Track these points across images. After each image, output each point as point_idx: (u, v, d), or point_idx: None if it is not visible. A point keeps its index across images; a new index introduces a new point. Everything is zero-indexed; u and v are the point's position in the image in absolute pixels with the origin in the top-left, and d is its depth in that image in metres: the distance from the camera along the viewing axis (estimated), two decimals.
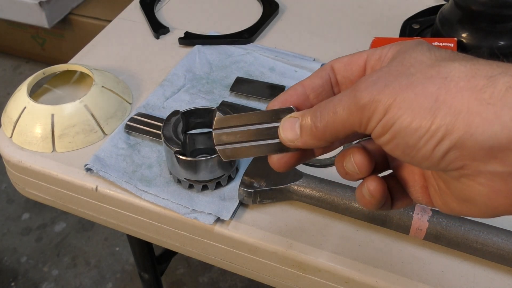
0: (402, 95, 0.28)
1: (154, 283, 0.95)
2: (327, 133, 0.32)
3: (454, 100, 0.26)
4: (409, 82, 0.28)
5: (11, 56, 2.13)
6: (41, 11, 1.70)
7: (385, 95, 0.28)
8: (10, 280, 1.40)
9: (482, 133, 0.26)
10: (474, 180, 0.27)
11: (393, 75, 0.29)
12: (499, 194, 0.27)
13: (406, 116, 0.27)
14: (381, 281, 0.46)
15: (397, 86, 0.28)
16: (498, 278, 0.46)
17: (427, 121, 0.27)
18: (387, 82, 0.28)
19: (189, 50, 0.72)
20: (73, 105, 0.59)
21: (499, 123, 0.25)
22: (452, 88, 0.27)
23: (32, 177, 0.59)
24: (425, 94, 0.27)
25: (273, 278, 0.52)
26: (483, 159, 0.26)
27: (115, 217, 0.57)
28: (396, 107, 0.28)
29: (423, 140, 0.27)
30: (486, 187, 0.27)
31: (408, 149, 0.28)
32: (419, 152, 0.28)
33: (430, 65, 0.28)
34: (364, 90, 0.29)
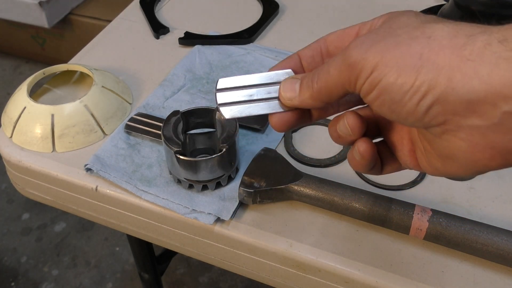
0: (388, 53, 0.29)
1: (154, 283, 0.95)
2: (322, 92, 0.34)
3: (436, 57, 0.28)
4: (395, 41, 0.30)
5: (11, 56, 2.13)
6: (41, 11, 1.70)
7: (372, 53, 0.30)
8: (10, 280, 1.40)
9: (462, 87, 0.27)
10: (455, 135, 0.29)
11: (380, 35, 0.31)
12: (477, 148, 0.29)
13: (392, 73, 0.29)
14: (381, 281, 0.46)
15: (384, 46, 0.30)
16: (498, 278, 0.46)
17: (411, 77, 0.28)
18: (374, 42, 0.30)
19: (189, 50, 0.72)
20: (73, 105, 0.59)
21: (477, 78, 0.27)
22: (435, 47, 0.28)
23: (32, 177, 0.59)
24: (410, 52, 0.29)
25: (273, 278, 0.52)
26: (463, 113, 0.28)
27: (115, 217, 0.57)
28: (382, 65, 0.29)
29: (408, 96, 0.29)
30: (466, 141, 0.29)
31: (393, 105, 0.30)
32: (404, 107, 0.29)
33: (415, 27, 0.30)
34: (352, 49, 0.31)
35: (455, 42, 0.28)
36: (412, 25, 0.30)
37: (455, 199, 0.53)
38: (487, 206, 0.52)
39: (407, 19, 0.31)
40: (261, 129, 0.60)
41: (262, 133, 0.60)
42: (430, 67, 0.28)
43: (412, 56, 0.29)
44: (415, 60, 0.28)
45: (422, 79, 0.28)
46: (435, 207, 0.49)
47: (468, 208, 0.52)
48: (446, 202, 0.53)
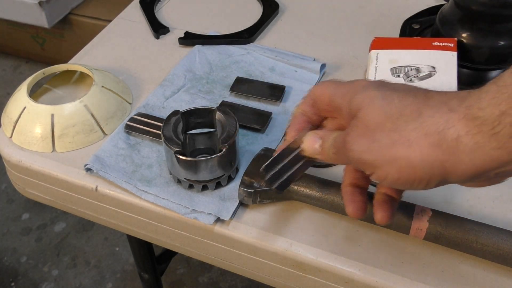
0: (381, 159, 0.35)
1: (154, 283, 0.95)
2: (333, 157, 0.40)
3: (424, 157, 0.34)
4: (380, 147, 0.35)
5: (11, 56, 2.13)
6: (41, 11, 1.70)
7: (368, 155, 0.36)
8: (10, 280, 1.40)
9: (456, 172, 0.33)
10: None
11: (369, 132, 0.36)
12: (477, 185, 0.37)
13: (394, 172, 0.35)
14: (381, 281, 0.46)
15: (377, 147, 0.35)
16: (498, 278, 0.46)
17: (410, 174, 0.34)
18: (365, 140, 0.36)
19: (189, 50, 0.72)
20: (73, 105, 0.59)
21: (463, 163, 0.33)
22: (417, 149, 0.34)
23: (32, 177, 0.59)
24: (400, 157, 0.34)
25: (273, 278, 0.52)
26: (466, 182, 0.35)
27: (115, 217, 0.57)
28: (381, 166, 0.35)
29: (415, 184, 0.35)
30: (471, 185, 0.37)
31: (405, 187, 0.36)
32: (413, 187, 0.36)
33: (392, 130, 0.35)
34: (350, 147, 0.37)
35: (431, 142, 0.33)
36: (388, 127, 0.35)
37: (455, 199, 0.53)
38: (487, 206, 0.52)
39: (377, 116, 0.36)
40: (261, 129, 0.60)
41: (262, 133, 0.60)
42: (424, 166, 0.34)
43: (403, 160, 0.34)
44: (408, 163, 0.34)
45: (421, 176, 0.34)
46: (435, 207, 0.49)
47: (468, 208, 0.52)
48: (446, 202, 0.53)
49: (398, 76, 0.60)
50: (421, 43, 0.63)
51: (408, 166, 0.34)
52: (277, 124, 0.61)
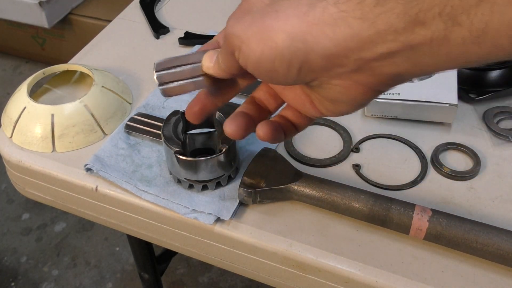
0: (248, 30, 0.34)
1: (154, 283, 0.95)
2: (222, 63, 0.38)
3: (287, 25, 0.33)
4: (252, 18, 0.34)
5: (11, 56, 2.13)
6: (41, 11, 1.70)
7: (237, 28, 0.35)
8: (10, 280, 1.40)
9: (317, 47, 0.32)
10: (330, 83, 0.35)
11: (241, 13, 0.37)
12: (351, 88, 0.34)
13: (256, 47, 0.34)
14: (381, 281, 0.46)
15: (244, 23, 0.35)
16: (498, 278, 0.46)
17: (272, 48, 0.33)
18: (238, 19, 0.35)
19: (189, 50, 0.72)
20: (73, 105, 0.59)
21: (325, 37, 0.32)
22: (283, 17, 0.33)
23: (32, 177, 0.59)
24: (264, 26, 0.33)
25: (273, 278, 0.52)
26: (327, 67, 0.33)
27: (115, 217, 0.57)
28: (247, 41, 0.34)
29: (277, 64, 0.33)
30: (340, 86, 0.35)
31: (269, 73, 0.35)
32: (279, 74, 0.34)
33: (267, 4, 0.35)
34: (227, 23, 0.37)
35: (299, 11, 0.32)
36: (265, 2, 0.36)
37: (455, 199, 0.53)
38: (487, 206, 0.52)
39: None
40: None
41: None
42: (284, 35, 0.32)
43: (266, 29, 0.33)
44: (270, 32, 0.33)
45: (282, 47, 0.33)
46: (435, 207, 0.49)
47: (468, 208, 0.52)
48: (446, 202, 0.53)
49: None
50: None
51: (271, 37, 0.33)
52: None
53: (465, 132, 0.60)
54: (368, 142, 0.59)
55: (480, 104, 0.63)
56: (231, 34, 0.35)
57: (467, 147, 0.57)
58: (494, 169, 0.56)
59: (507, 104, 0.63)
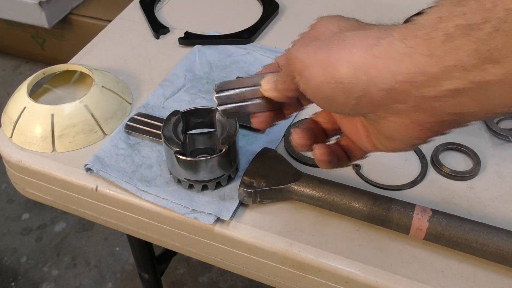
0: (313, 55, 0.35)
1: (154, 283, 0.95)
2: (280, 86, 0.40)
3: (352, 57, 0.33)
4: (318, 46, 0.35)
5: (11, 56, 2.13)
6: (41, 11, 1.70)
7: (301, 53, 0.35)
8: (10, 280, 1.40)
9: (379, 81, 0.32)
10: (387, 119, 0.34)
11: (308, 39, 0.37)
12: (408, 127, 0.34)
13: (318, 73, 0.34)
14: (381, 281, 0.46)
15: (310, 48, 0.35)
16: (498, 278, 0.46)
17: (335, 75, 0.33)
18: (303, 44, 0.36)
19: (189, 50, 0.72)
20: (73, 105, 0.59)
21: (389, 72, 0.31)
22: (349, 48, 0.33)
23: (32, 177, 0.59)
24: (330, 54, 0.34)
25: (273, 278, 0.52)
26: (387, 102, 0.33)
27: (115, 217, 0.57)
28: (310, 66, 0.35)
29: (337, 92, 0.34)
30: (397, 123, 0.34)
31: (328, 100, 0.35)
32: (337, 101, 0.34)
33: (335, 33, 0.36)
34: (291, 47, 0.37)
35: (366, 43, 0.33)
36: (332, 31, 0.36)
37: (455, 199, 0.53)
38: (487, 206, 0.52)
39: (330, 25, 0.37)
40: None
41: (262, 133, 0.60)
42: (348, 65, 0.33)
43: (332, 57, 0.33)
44: (335, 61, 0.33)
45: (344, 77, 0.33)
46: (435, 207, 0.49)
47: (468, 208, 0.52)
48: (446, 202, 0.53)
49: None
50: None
51: (335, 65, 0.33)
52: (277, 124, 0.61)
53: (465, 132, 0.60)
54: None
55: None
56: (295, 58, 0.36)
57: (467, 147, 0.57)
58: (494, 169, 0.56)
59: None
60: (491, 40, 0.28)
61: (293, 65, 0.36)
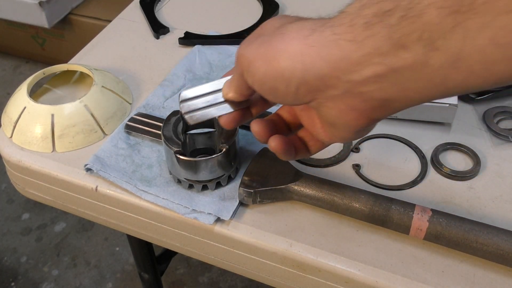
0: (257, 51, 0.37)
1: (154, 283, 0.95)
2: (233, 86, 0.42)
3: (289, 47, 0.35)
4: (261, 41, 0.37)
5: (11, 56, 2.13)
6: (41, 11, 1.70)
7: (247, 51, 0.38)
8: (10, 280, 1.40)
9: (312, 68, 0.34)
10: (326, 105, 0.36)
11: (254, 37, 0.39)
12: (344, 112, 0.36)
13: (262, 66, 0.36)
14: (381, 281, 0.46)
15: (255, 45, 0.37)
16: (498, 278, 0.46)
17: (274, 67, 0.36)
18: (249, 42, 0.38)
19: (189, 50, 0.72)
20: (73, 105, 0.59)
21: (320, 59, 0.34)
22: (287, 39, 0.35)
23: (32, 177, 0.59)
24: (271, 47, 0.36)
25: (273, 278, 0.52)
26: (322, 88, 0.35)
27: (115, 217, 0.57)
28: (254, 61, 0.37)
29: (278, 83, 0.36)
30: (334, 109, 0.36)
31: (272, 91, 0.37)
32: (280, 92, 0.37)
33: (276, 27, 0.37)
34: (239, 47, 0.39)
35: (301, 34, 0.35)
36: (275, 26, 0.38)
37: (455, 199, 0.53)
38: (487, 206, 0.52)
39: (274, 22, 0.39)
40: None
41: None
42: (286, 56, 0.35)
43: (272, 50, 0.36)
44: (274, 53, 0.36)
45: (283, 67, 0.35)
46: (435, 207, 0.49)
47: (468, 208, 0.52)
48: (446, 202, 0.53)
49: None
50: None
51: (275, 57, 0.36)
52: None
53: (465, 132, 0.60)
54: (368, 142, 0.59)
55: (480, 104, 0.63)
56: (241, 55, 0.38)
57: (467, 147, 0.57)
58: (494, 169, 0.56)
59: (507, 104, 0.63)
60: (400, 26, 0.30)
61: (241, 63, 0.38)
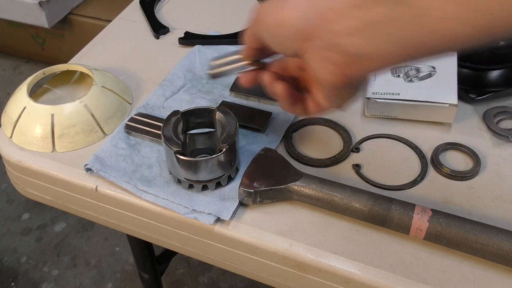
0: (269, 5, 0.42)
1: (154, 283, 0.96)
2: (246, 40, 0.48)
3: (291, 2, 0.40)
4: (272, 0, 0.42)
5: (11, 56, 2.13)
6: (41, 11, 1.70)
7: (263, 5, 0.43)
8: (10, 280, 1.40)
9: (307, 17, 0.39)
10: (312, 58, 0.40)
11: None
12: (322, 64, 0.39)
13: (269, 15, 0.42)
14: (381, 281, 0.46)
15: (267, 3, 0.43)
16: (498, 278, 0.46)
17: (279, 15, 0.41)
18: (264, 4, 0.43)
19: (189, 50, 0.72)
20: (73, 105, 0.59)
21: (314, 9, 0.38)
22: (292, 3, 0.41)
23: (32, 177, 0.59)
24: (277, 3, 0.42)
25: (273, 278, 0.52)
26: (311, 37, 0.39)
27: (115, 217, 0.57)
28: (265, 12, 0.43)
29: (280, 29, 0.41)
30: (316, 61, 0.40)
31: (274, 37, 0.43)
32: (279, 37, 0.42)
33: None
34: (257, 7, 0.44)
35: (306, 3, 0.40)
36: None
37: (455, 199, 0.53)
38: (487, 206, 0.52)
39: None
40: (261, 129, 0.60)
41: (262, 133, 0.60)
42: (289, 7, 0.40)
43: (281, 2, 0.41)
44: (283, 4, 0.41)
45: (285, 16, 0.40)
46: (435, 207, 0.49)
47: (468, 208, 0.52)
48: (446, 202, 0.53)
49: (398, 76, 0.60)
50: None
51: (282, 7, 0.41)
52: (277, 124, 0.61)
53: (465, 132, 0.60)
54: (368, 142, 0.59)
55: (480, 104, 0.63)
56: (258, 9, 0.44)
57: (467, 147, 0.57)
58: (494, 169, 0.56)
59: (507, 104, 0.63)
60: None
61: (256, 14, 0.44)
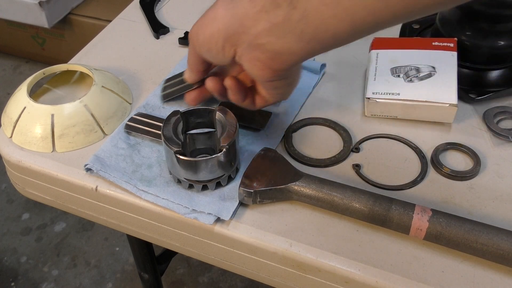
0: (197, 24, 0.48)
1: (154, 283, 0.96)
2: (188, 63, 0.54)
3: (216, 14, 0.45)
4: (201, 16, 0.48)
5: (11, 56, 2.13)
6: (41, 11, 1.70)
7: (192, 28, 0.49)
8: (10, 280, 1.40)
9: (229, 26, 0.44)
10: (243, 59, 0.46)
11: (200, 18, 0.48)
12: (252, 63, 0.45)
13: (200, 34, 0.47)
14: (381, 281, 0.46)
15: (197, 21, 0.48)
16: (498, 278, 0.46)
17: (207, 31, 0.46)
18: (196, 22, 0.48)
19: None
20: (73, 105, 0.59)
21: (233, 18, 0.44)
22: (215, 8, 0.46)
23: (32, 177, 0.59)
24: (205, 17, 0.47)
25: (273, 278, 0.52)
26: (237, 42, 0.44)
27: (115, 217, 0.57)
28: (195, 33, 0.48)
29: (211, 44, 0.46)
30: (247, 61, 0.45)
31: (209, 52, 0.48)
32: (213, 51, 0.47)
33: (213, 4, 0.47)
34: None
35: (225, 2, 0.45)
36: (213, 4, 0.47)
37: (455, 199, 0.53)
38: (487, 206, 0.52)
39: None
40: (261, 129, 0.60)
41: (262, 133, 0.60)
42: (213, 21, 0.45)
43: (206, 19, 0.47)
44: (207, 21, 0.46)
45: (212, 30, 0.46)
46: (435, 207, 0.49)
47: (468, 208, 0.52)
48: (446, 202, 0.53)
49: (398, 76, 0.60)
50: (421, 43, 0.63)
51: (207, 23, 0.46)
52: (277, 124, 0.61)
53: (465, 132, 0.60)
54: (368, 142, 0.59)
55: (480, 104, 0.63)
56: (190, 32, 0.49)
57: (467, 147, 0.57)
58: (494, 169, 0.56)
59: (507, 104, 0.63)
60: None
61: (190, 38, 0.49)
